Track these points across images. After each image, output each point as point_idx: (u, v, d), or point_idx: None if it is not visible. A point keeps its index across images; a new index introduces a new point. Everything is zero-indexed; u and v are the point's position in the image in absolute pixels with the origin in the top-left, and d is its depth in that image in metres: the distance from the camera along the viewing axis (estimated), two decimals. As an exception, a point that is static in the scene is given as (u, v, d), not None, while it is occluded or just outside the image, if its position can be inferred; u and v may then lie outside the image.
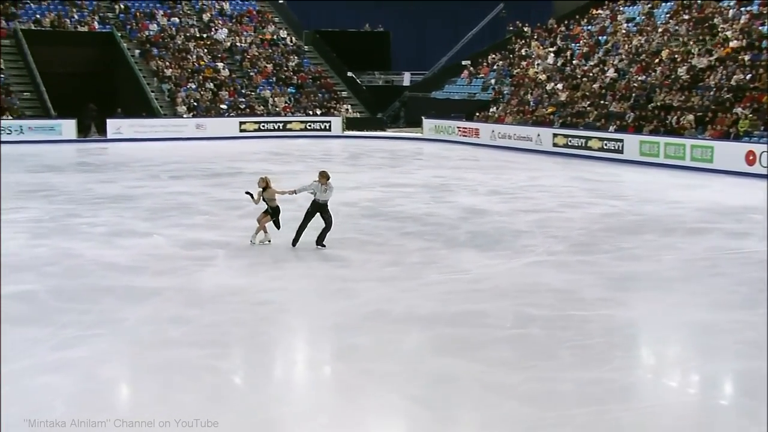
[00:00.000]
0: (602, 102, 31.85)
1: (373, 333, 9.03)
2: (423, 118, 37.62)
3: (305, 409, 7.00)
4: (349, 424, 6.68)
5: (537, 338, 8.91)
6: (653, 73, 31.75)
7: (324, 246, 13.11)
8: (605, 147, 28.64)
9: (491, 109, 36.87)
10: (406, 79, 47.85)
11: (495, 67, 41.19)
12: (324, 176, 13.08)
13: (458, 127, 35.72)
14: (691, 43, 32.30)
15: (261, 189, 13.39)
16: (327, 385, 7.76)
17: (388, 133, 39.33)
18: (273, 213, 13.43)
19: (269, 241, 13.44)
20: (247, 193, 13.68)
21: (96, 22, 40.93)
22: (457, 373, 7.82)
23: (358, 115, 41.02)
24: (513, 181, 22.42)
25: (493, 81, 39.94)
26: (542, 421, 6.72)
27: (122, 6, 42.70)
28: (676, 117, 27.51)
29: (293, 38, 45.01)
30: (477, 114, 36.92)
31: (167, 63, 39.27)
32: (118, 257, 12.62)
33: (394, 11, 52.59)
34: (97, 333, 8.98)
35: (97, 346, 8.55)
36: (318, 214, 13.12)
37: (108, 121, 35.11)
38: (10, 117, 33.89)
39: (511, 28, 46.34)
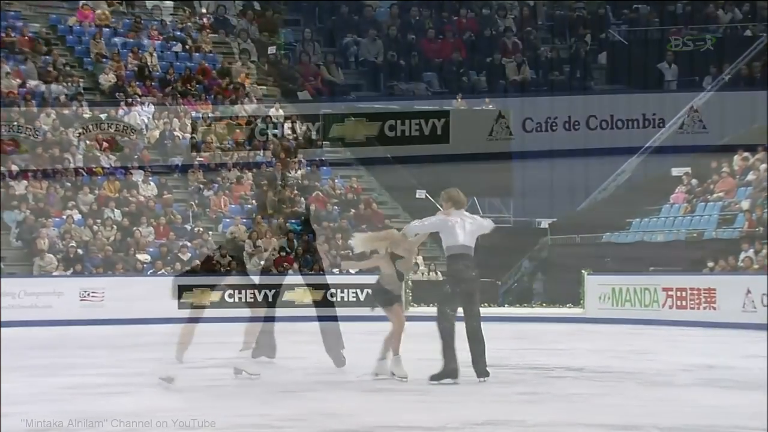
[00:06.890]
0: None
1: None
2: (585, 273, 38.85)
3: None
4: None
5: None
6: None
7: (487, 377, 16.92)
8: None
9: (742, 255, 37.47)
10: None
11: (750, 175, 42.25)
12: (453, 199, 16.71)
13: (665, 290, 36.07)
14: None
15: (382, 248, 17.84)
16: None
17: (507, 310, 40.52)
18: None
19: (405, 377, 17.66)
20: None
21: None
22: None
23: (441, 277, 40.86)
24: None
25: (746, 203, 40.85)
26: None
27: None
28: None
29: (300, 122, 46.41)
30: (710, 265, 37.67)
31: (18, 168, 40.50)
32: None
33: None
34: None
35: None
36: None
37: None
38: None
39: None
